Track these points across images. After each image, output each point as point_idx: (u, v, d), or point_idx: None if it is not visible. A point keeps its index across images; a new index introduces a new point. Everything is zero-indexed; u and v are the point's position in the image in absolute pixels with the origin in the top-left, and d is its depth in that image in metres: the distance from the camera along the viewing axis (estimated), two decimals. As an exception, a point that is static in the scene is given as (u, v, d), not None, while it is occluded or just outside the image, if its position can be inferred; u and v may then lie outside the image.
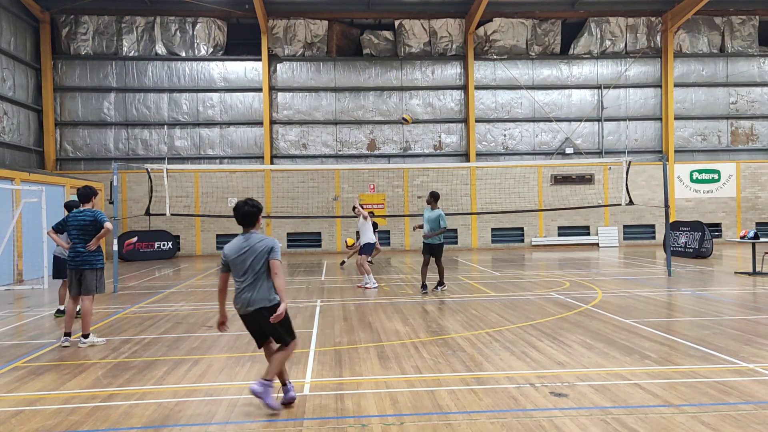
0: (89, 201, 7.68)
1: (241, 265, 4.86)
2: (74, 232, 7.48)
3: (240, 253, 4.87)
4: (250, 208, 4.94)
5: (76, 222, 7.49)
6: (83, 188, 7.74)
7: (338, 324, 8.63)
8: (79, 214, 7.54)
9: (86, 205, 7.65)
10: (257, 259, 4.85)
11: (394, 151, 24.36)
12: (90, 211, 7.58)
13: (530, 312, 9.31)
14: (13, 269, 14.97)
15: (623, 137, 24.88)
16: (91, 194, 7.71)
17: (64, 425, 4.66)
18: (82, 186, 7.81)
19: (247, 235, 4.94)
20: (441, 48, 24.41)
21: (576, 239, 24.42)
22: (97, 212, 7.58)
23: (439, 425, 4.50)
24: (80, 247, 7.44)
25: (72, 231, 7.51)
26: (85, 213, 7.54)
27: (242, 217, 4.93)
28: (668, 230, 14.34)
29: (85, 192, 7.70)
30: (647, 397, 5.07)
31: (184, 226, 23.16)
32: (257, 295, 4.84)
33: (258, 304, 4.84)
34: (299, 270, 16.91)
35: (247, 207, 4.93)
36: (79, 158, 23.30)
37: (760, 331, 7.62)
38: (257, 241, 4.90)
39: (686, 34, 24.86)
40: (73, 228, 7.49)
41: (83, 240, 7.46)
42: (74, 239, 7.49)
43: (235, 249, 4.91)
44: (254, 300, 4.84)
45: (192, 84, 23.61)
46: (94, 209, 7.64)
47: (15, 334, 8.41)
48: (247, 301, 4.85)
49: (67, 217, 7.74)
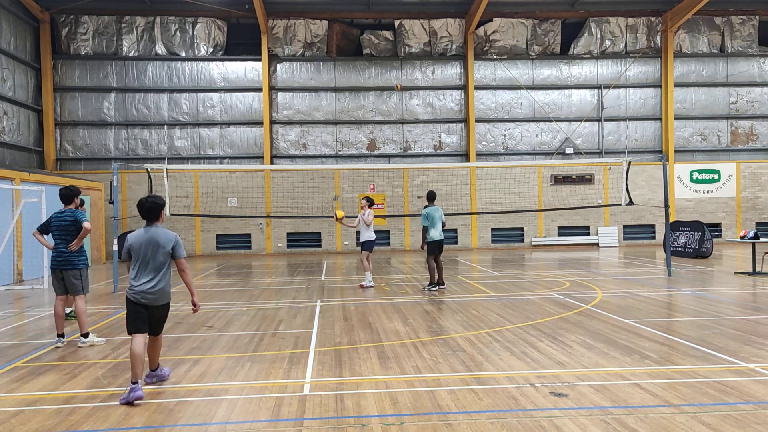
0: (71, 201, 7.61)
1: (143, 256, 5.38)
2: (56, 233, 7.46)
3: (140, 244, 5.39)
4: (152, 204, 5.46)
5: (58, 223, 7.46)
6: (66, 188, 7.64)
7: (338, 324, 8.62)
8: (61, 214, 7.50)
9: (69, 205, 7.59)
10: (158, 252, 5.40)
11: (394, 151, 24.36)
12: (71, 211, 7.53)
13: (530, 312, 9.31)
14: (13, 269, 14.97)
15: (623, 137, 24.88)
16: (73, 194, 7.64)
17: (64, 425, 4.66)
18: (64, 186, 7.70)
19: (147, 228, 5.48)
20: (441, 48, 24.41)
21: (576, 239, 24.42)
22: (77, 212, 7.54)
23: (439, 425, 4.50)
24: (62, 248, 7.41)
25: (54, 231, 7.48)
26: (66, 213, 7.50)
27: (146, 212, 5.48)
28: (668, 230, 14.34)
29: (67, 193, 7.60)
30: (647, 397, 5.07)
31: (184, 226, 23.16)
32: (158, 287, 5.40)
33: (163, 300, 5.48)
34: (299, 270, 16.91)
35: (148, 204, 5.46)
36: (79, 158, 23.30)
37: (760, 331, 7.62)
38: (160, 235, 5.45)
39: (686, 34, 24.86)
40: (56, 228, 7.46)
41: (65, 240, 7.43)
42: (56, 240, 7.47)
43: (137, 239, 5.44)
44: (155, 292, 5.39)
45: (192, 84, 23.61)
46: (75, 209, 7.58)
47: (15, 334, 8.41)
48: (145, 291, 5.36)
49: (50, 217, 7.67)
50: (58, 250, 7.44)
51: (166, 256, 5.42)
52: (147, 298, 5.36)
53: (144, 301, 5.35)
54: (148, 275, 5.36)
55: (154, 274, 5.37)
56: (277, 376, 5.92)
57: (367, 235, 12.61)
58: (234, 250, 23.46)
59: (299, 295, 11.66)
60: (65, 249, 7.41)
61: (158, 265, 5.39)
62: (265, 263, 19.39)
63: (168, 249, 5.41)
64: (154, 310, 5.44)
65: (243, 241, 23.57)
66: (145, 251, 5.36)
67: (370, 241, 12.66)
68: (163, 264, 5.41)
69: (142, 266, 5.38)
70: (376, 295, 11.50)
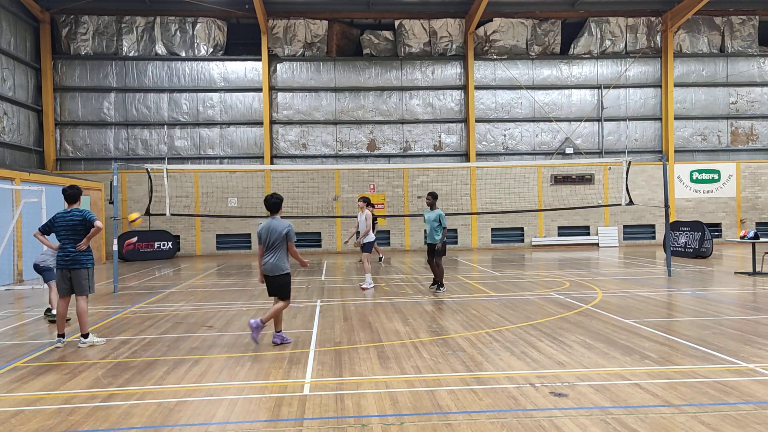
0: (77, 201, 7.58)
1: (265, 238, 7.29)
2: (63, 233, 7.40)
3: (264, 230, 7.34)
4: (276, 200, 7.39)
5: (64, 222, 7.40)
6: (70, 188, 7.59)
7: (338, 324, 8.63)
8: (67, 214, 7.45)
9: (74, 204, 7.55)
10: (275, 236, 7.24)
11: (394, 151, 24.36)
12: (78, 210, 7.48)
13: (530, 312, 9.31)
14: (13, 269, 14.97)
15: (623, 137, 24.88)
16: (79, 194, 7.61)
17: (64, 425, 4.66)
18: (68, 186, 7.66)
19: (270, 219, 7.36)
20: (441, 48, 24.41)
21: (576, 239, 24.42)
22: (85, 212, 7.49)
23: (439, 425, 4.50)
24: (70, 248, 7.36)
25: (61, 231, 7.42)
26: (73, 213, 7.45)
27: (271, 206, 7.38)
28: (668, 230, 14.34)
29: (72, 192, 7.56)
30: (647, 397, 5.07)
31: (184, 226, 23.17)
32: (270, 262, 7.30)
33: (276, 272, 7.33)
34: (299, 270, 16.91)
35: (273, 199, 7.39)
36: (79, 158, 23.30)
37: (760, 331, 7.62)
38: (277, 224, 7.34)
39: (686, 34, 24.86)
40: (62, 228, 7.40)
41: (72, 240, 7.38)
42: (63, 240, 7.41)
43: (262, 227, 7.34)
44: (269, 265, 7.31)
45: (192, 84, 23.61)
46: (82, 209, 7.54)
47: (15, 334, 8.41)
48: (264, 265, 7.35)
49: (54, 217, 7.58)
50: (65, 250, 7.37)
51: (282, 239, 7.20)
52: (265, 270, 7.28)
53: (265, 273, 7.29)
54: (268, 254, 7.24)
55: (272, 253, 7.23)
56: (277, 376, 5.92)
57: (367, 236, 12.59)
58: (234, 250, 23.46)
59: (299, 295, 11.66)
60: (73, 249, 7.36)
61: (274, 246, 7.21)
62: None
63: (283, 234, 7.19)
64: (271, 279, 7.31)
65: (243, 241, 23.57)
66: (267, 235, 7.22)
67: (369, 243, 12.64)
68: (278, 245, 7.21)
69: (265, 247, 7.25)
70: (376, 295, 11.49)
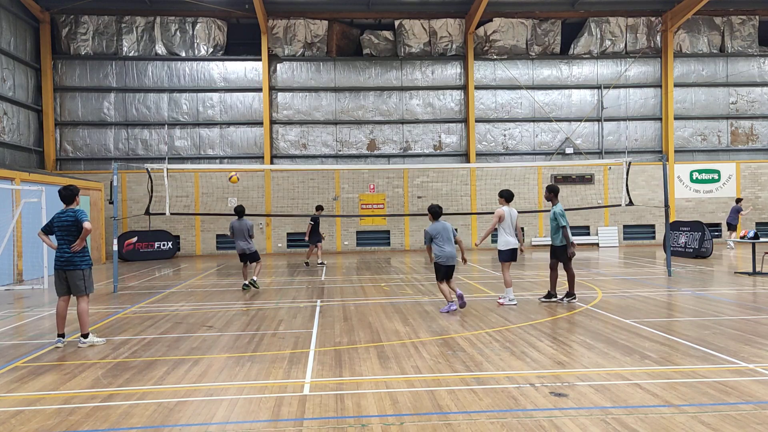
0: (73, 201, 7.51)
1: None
2: (59, 233, 7.39)
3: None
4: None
5: (60, 223, 7.39)
6: (66, 188, 7.51)
7: (338, 324, 8.62)
8: (62, 214, 7.42)
9: (70, 205, 7.50)
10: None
11: (394, 151, 24.36)
12: (72, 211, 7.44)
13: (530, 312, 9.31)
14: (13, 269, 14.96)
15: (623, 137, 24.87)
16: (74, 194, 7.54)
17: (64, 425, 4.66)
18: (64, 186, 7.56)
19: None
20: (441, 48, 24.40)
21: (576, 239, 24.36)
22: (78, 212, 7.43)
23: (439, 425, 4.50)
24: (65, 248, 7.34)
25: (57, 232, 7.41)
26: (67, 213, 7.42)
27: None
28: (668, 230, 14.34)
29: (68, 193, 7.48)
30: (647, 397, 5.07)
31: (184, 226, 23.16)
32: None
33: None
34: (299, 270, 16.90)
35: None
36: (79, 158, 23.29)
37: (760, 331, 7.62)
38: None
39: (686, 34, 24.86)
40: (58, 229, 7.39)
41: (67, 241, 7.35)
42: (59, 240, 7.41)
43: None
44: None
45: (192, 84, 23.61)
46: (76, 209, 7.48)
47: (15, 334, 8.41)
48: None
49: (52, 218, 7.58)
50: (60, 251, 7.37)
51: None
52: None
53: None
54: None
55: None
56: (277, 376, 5.92)
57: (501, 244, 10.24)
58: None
59: (299, 295, 11.66)
60: (68, 249, 7.35)
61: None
62: (265, 263, 19.36)
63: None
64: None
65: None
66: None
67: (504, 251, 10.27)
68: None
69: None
70: (376, 295, 11.50)
